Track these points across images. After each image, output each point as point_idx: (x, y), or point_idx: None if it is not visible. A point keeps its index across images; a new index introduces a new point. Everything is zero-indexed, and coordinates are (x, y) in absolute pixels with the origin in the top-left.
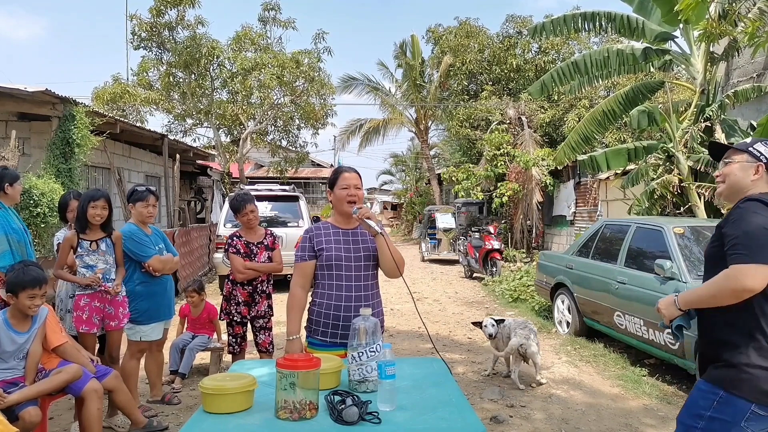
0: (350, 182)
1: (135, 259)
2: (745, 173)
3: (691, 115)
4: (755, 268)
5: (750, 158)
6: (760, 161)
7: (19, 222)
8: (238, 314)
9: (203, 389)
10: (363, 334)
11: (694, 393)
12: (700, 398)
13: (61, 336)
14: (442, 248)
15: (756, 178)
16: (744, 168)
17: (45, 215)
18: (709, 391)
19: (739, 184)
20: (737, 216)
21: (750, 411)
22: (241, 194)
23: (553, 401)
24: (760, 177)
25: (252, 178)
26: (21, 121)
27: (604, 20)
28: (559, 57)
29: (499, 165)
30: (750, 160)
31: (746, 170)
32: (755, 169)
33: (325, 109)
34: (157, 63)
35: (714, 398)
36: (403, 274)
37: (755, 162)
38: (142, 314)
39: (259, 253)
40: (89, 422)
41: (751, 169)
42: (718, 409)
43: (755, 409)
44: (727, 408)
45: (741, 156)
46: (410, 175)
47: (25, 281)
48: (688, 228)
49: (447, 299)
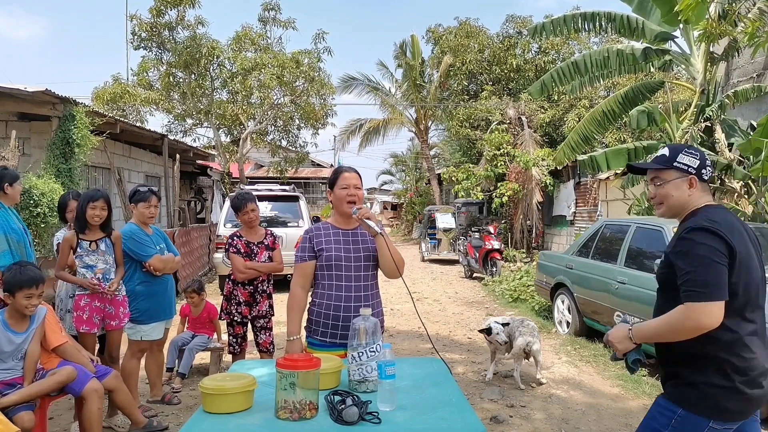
0: (350, 182)
1: (136, 258)
2: (681, 191)
3: (691, 115)
4: (711, 306)
5: (679, 173)
6: (689, 174)
7: (19, 222)
8: (239, 314)
9: (203, 389)
10: (363, 334)
11: (653, 409)
12: (659, 415)
13: (61, 336)
14: (442, 248)
15: (693, 192)
16: (677, 186)
17: (45, 215)
18: (667, 408)
19: (678, 203)
20: (685, 249)
21: (707, 428)
22: (243, 193)
23: (553, 401)
24: (695, 189)
25: (252, 178)
26: (21, 121)
27: (604, 20)
28: (559, 57)
29: (499, 165)
30: (680, 176)
31: (680, 187)
32: (688, 182)
33: (325, 109)
34: (157, 63)
35: (672, 416)
36: (402, 275)
37: (686, 176)
38: (143, 314)
39: (259, 253)
40: (89, 422)
41: (684, 184)
42: (677, 427)
43: (712, 425)
44: (685, 426)
45: (669, 174)
46: (410, 175)
47: (21, 281)
48: None
49: (447, 299)
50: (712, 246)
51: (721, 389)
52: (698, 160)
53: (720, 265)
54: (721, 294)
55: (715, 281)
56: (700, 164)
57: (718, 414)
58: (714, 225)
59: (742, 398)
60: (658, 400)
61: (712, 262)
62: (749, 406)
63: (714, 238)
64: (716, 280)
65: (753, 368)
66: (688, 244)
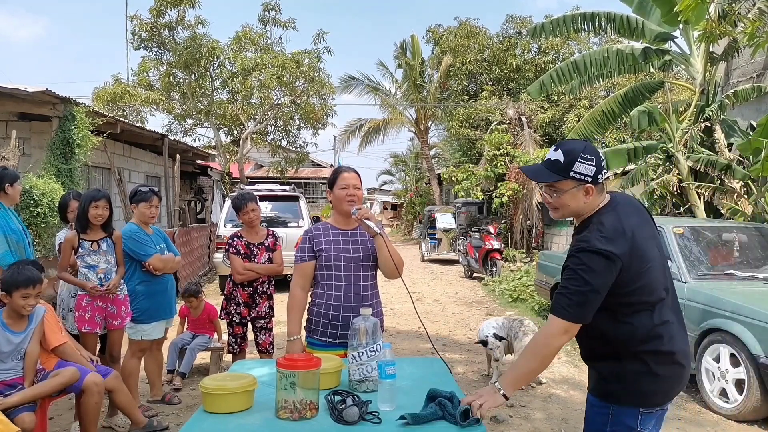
0: (349, 182)
1: (136, 258)
2: (577, 200)
3: (691, 115)
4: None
5: (575, 183)
6: (585, 183)
7: (18, 223)
8: (238, 315)
9: (203, 389)
10: (363, 333)
11: (589, 411)
12: (596, 415)
13: (61, 336)
14: (442, 248)
15: (589, 198)
16: (574, 195)
17: (45, 215)
18: (601, 406)
19: (575, 210)
20: (571, 265)
21: (639, 416)
22: (244, 193)
23: (553, 401)
24: (591, 195)
25: (252, 178)
26: (21, 121)
27: (604, 20)
28: (559, 57)
29: (499, 165)
30: (576, 185)
31: (576, 196)
32: (584, 191)
33: (325, 109)
34: (157, 63)
35: (607, 412)
36: (402, 275)
37: (582, 185)
38: (143, 313)
39: (259, 254)
40: (86, 414)
41: (580, 192)
42: (614, 422)
43: (642, 412)
44: (620, 419)
45: (565, 184)
46: (410, 175)
47: (18, 281)
48: (688, 228)
49: (447, 299)
50: (594, 270)
51: (638, 374)
52: (594, 166)
53: (594, 292)
54: (582, 318)
55: (582, 303)
56: (596, 170)
57: (643, 400)
58: (601, 243)
59: (658, 380)
60: (590, 400)
61: (588, 286)
62: (670, 386)
63: (599, 260)
64: (584, 303)
65: (669, 352)
66: (573, 261)
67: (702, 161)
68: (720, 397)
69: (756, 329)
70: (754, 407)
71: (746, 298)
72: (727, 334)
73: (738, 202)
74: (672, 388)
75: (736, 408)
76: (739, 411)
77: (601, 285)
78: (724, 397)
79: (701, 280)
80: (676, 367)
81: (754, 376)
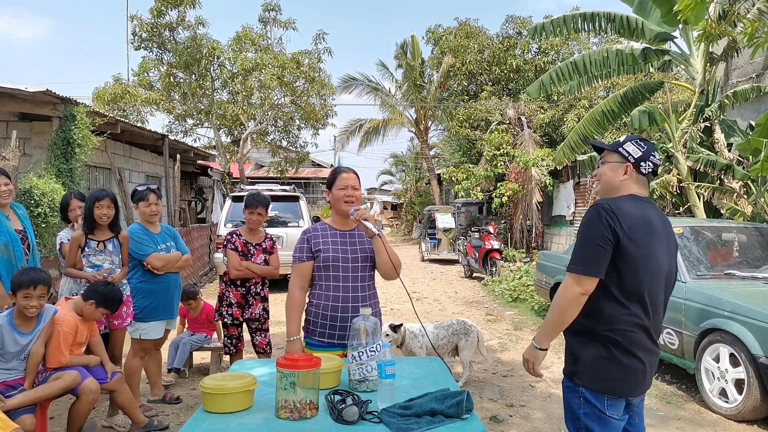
0: (348, 183)
1: (135, 257)
2: (615, 174)
3: (691, 116)
4: (582, 278)
5: (619, 158)
6: (627, 161)
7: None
8: (230, 316)
9: (204, 389)
10: (363, 333)
11: (565, 395)
12: (571, 399)
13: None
14: (442, 248)
15: (625, 178)
16: (613, 169)
17: (46, 215)
18: (572, 389)
19: (610, 184)
20: (582, 221)
21: (605, 403)
22: (259, 194)
23: (553, 401)
24: (628, 177)
25: (252, 178)
26: (22, 121)
27: (604, 21)
28: (559, 57)
29: (499, 165)
30: (619, 161)
31: (616, 171)
32: (624, 169)
33: (325, 109)
34: (157, 63)
35: (579, 395)
36: (399, 276)
37: (624, 162)
38: (141, 311)
39: (256, 255)
40: (74, 419)
41: (620, 169)
42: (585, 405)
43: (608, 400)
44: (590, 402)
45: (612, 156)
46: (410, 175)
47: (21, 281)
48: (688, 228)
49: (447, 299)
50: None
51: (601, 359)
52: (641, 152)
53: (592, 242)
54: (586, 269)
55: (584, 256)
56: (641, 156)
57: (606, 386)
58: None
59: (618, 367)
60: (564, 384)
61: (590, 239)
62: (630, 377)
63: (595, 212)
64: (586, 255)
65: (629, 342)
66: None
67: (702, 161)
68: (720, 396)
69: (755, 329)
70: (753, 407)
71: (746, 298)
72: (726, 334)
73: (737, 202)
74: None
75: (735, 408)
76: (738, 411)
77: (599, 236)
78: (724, 397)
79: (701, 279)
80: (632, 355)
81: (753, 375)
